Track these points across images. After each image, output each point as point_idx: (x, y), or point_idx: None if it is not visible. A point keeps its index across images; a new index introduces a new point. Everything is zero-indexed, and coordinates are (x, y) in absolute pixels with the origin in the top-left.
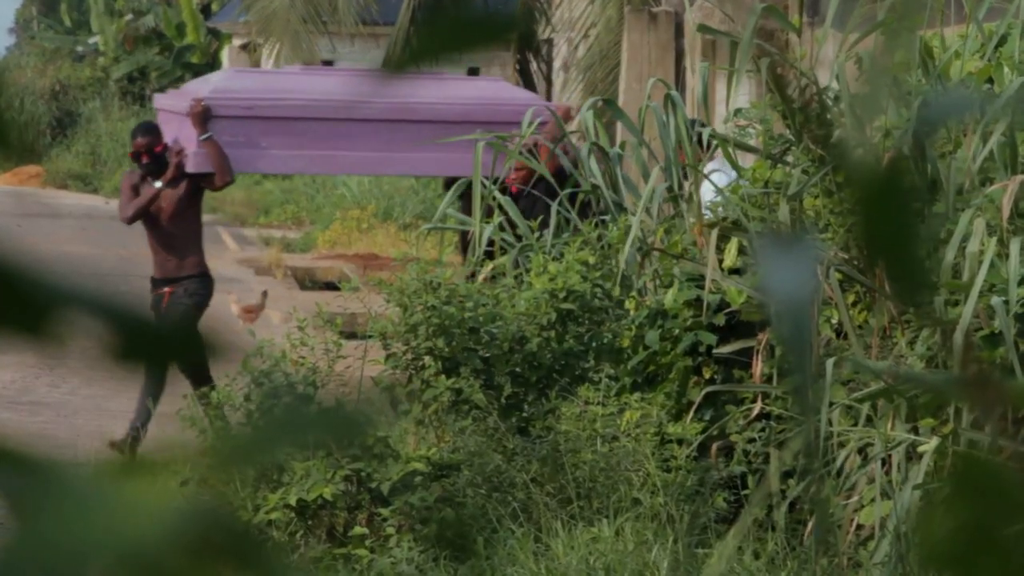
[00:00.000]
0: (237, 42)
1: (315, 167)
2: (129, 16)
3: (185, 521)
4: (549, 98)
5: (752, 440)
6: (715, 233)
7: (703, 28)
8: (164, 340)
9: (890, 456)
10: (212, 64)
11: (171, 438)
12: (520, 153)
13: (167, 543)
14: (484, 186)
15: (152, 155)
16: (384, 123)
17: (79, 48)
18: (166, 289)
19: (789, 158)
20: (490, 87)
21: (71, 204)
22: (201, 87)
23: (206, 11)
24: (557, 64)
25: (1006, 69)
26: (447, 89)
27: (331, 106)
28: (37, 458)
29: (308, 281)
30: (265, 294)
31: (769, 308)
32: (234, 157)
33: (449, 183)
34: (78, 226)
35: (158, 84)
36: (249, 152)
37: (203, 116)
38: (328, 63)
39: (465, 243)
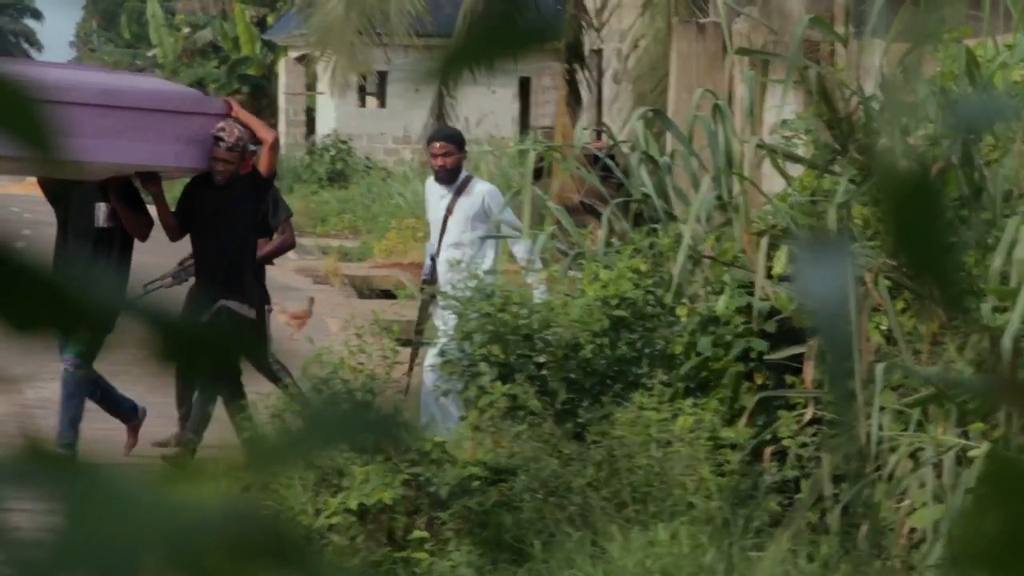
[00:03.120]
0: (293, 54)
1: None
2: (187, 30)
3: (231, 523)
4: (599, 109)
5: (804, 444)
6: (765, 241)
7: (741, 51)
8: (221, 346)
9: (941, 460)
10: (268, 76)
11: (225, 442)
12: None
13: (212, 544)
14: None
15: None
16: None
17: (138, 61)
18: None
19: (836, 167)
20: (150, 79)
21: None
22: None
23: (262, 24)
24: (607, 75)
25: None
26: (119, 80)
27: None
28: (88, 462)
29: (365, 289)
30: (312, 300)
31: (809, 313)
32: None
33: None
34: None
35: (216, 96)
36: None
37: None
38: (383, 74)
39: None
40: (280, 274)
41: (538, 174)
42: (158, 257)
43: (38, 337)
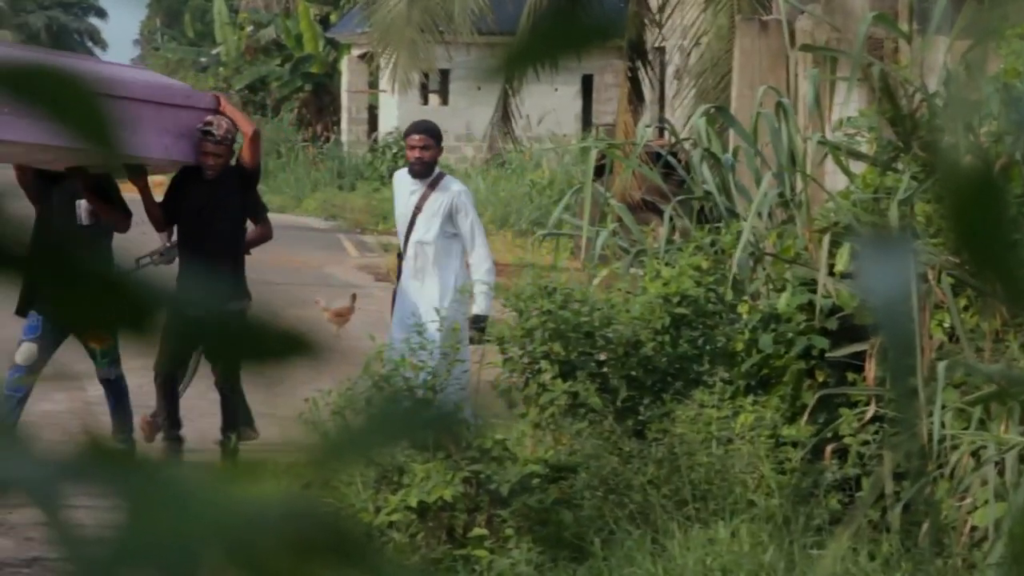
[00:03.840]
0: (355, 52)
1: None
2: (250, 28)
3: (292, 520)
4: (661, 106)
5: (866, 442)
6: (827, 238)
7: (805, 47)
8: (274, 340)
9: (1003, 458)
10: (331, 74)
11: (286, 440)
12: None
13: (273, 541)
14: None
15: None
16: None
17: (202, 59)
18: None
19: (899, 164)
20: (142, 71)
21: None
22: None
23: (325, 22)
24: (669, 72)
25: None
26: (109, 70)
27: None
28: (149, 459)
29: None
30: (354, 297)
31: (871, 310)
32: None
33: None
34: None
35: (279, 94)
36: None
37: None
38: (445, 72)
39: None
40: (342, 271)
41: (600, 171)
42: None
43: (100, 336)
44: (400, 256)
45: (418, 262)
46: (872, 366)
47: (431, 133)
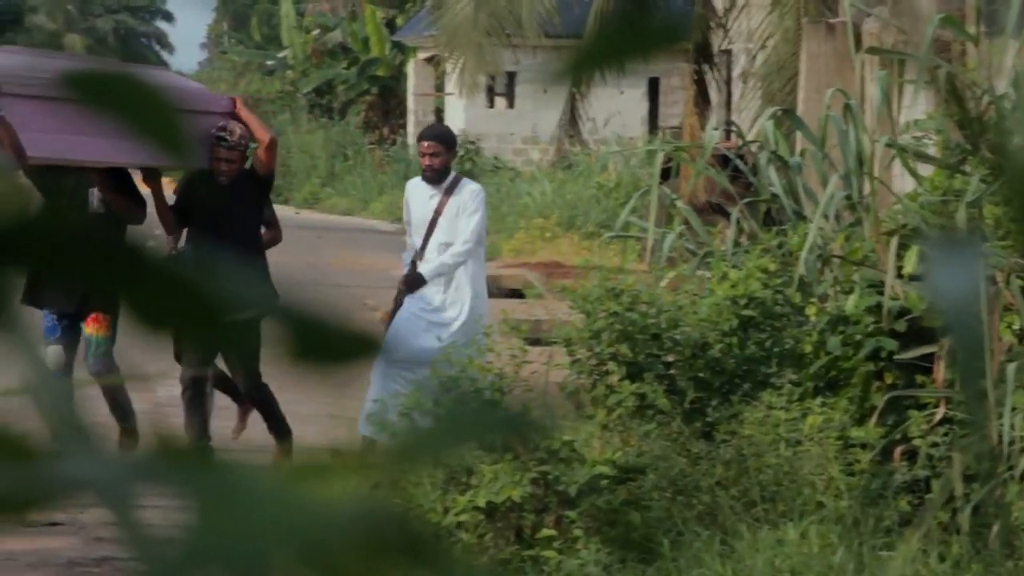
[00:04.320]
0: (422, 55)
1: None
2: (317, 31)
3: (363, 520)
4: (728, 109)
5: (935, 444)
6: (895, 240)
7: (872, 50)
8: (347, 343)
9: None
10: (397, 77)
11: (357, 442)
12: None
13: (344, 542)
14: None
15: None
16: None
17: (268, 62)
18: None
19: (967, 167)
20: (162, 74)
21: None
22: None
23: (391, 25)
24: (735, 74)
25: None
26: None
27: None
28: (219, 459)
29: (494, 288)
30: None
31: (939, 312)
32: None
33: None
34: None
35: (345, 98)
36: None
37: None
38: (512, 75)
39: None
40: None
41: (666, 174)
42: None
43: (171, 336)
44: (414, 263)
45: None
46: (941, 368)
47: (441, 139)
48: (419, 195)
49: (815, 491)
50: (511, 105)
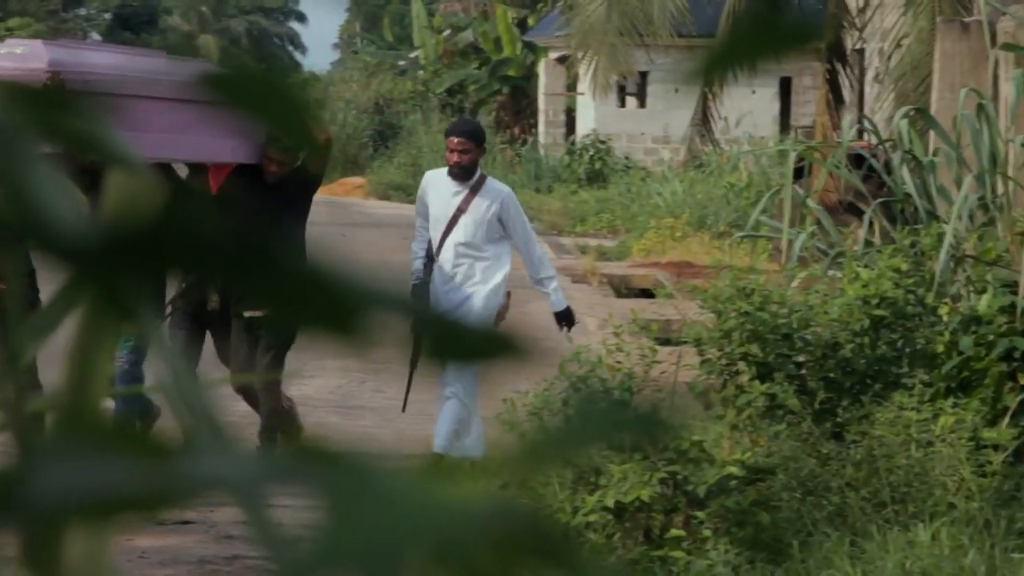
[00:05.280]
0: (553, 55)
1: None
2: (448, 31)
3: (493, 519)
4: (860, 109)
5: None
6: None
7: (1007, 47)
8: (468, 341)
9: None
10: (529, 77)
11: (490, 441)
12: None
13: (475, 539)
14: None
15: None
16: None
17: (400, 62)
18: None
19: None
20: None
21: (392, 214)
22: (33, 56)
23: (523, 25)
24: (868, 74)
25: None
26: (175, 68)
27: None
28: (353, 458)
29: (623, 288)
30: (509, 295)
31: None
32: None
33: None
34: (399, 235)
35: (476, 97)
36: None
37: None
38: (643, 74)
39: None
40: None
41: (798, 173)
42: None
43: (311, 335)
44: (429, 258)
45: (461, 263)
46: None
47: (471, 135)
48: (441, 189)
49: (946, 492)
50: (642, 105)
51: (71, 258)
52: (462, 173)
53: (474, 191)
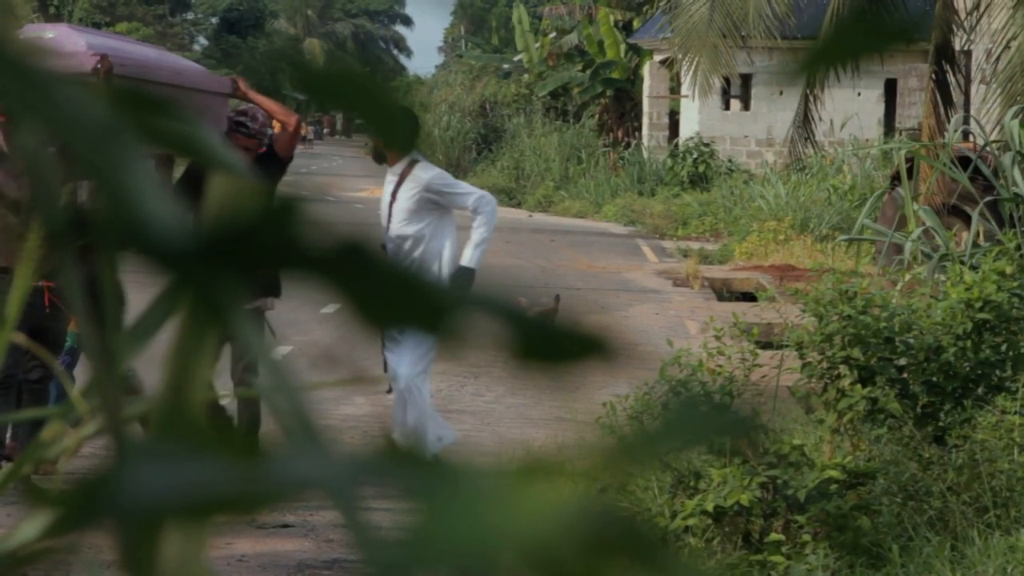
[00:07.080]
0: (657, 58)
1: None
2: (553, 34)
3: (588, 523)
4: (967, 110)
5: None
6: None
7: None
8: (562, 344)
9: None
10: (633, 80)
11: (582, 443)
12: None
13: (572, 545)
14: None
15: None
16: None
17: (504, 66)
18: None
19: None
20: (164, 54)
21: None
22: (66, 40)
23: (627, 28)
24: (975, 75)
25: None
26: (132, 50)
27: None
28: (446, 461)
29: (725, 291)
30: (558, 298)
31: None
32: None
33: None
34: (502, 239)
35: (580, 100)
36: None
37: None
38: (747, 77)
39: None
40: (640, 277)
41: (898, 177)
42: None
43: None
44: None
45: (402, 254)
46: None
47: None
48: (386, 180)
49: None
50: (746, 107)
51: (170, 262)
52: (381, 159)
53: (401, 179)
